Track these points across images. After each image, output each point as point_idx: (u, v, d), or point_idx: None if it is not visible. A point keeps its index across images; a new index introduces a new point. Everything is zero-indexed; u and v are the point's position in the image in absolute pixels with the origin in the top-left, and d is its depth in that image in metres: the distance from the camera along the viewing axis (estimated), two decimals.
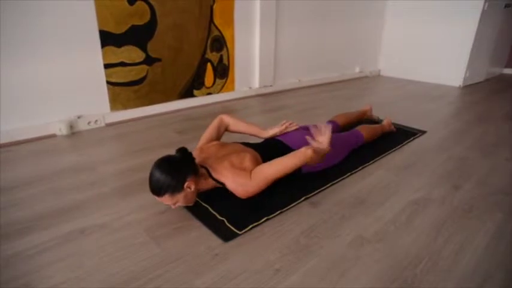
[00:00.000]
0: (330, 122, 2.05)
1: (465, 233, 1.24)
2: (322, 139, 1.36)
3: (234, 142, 1.56)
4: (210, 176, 1.33)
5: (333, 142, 1.71)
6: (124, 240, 1.17)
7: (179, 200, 1.25)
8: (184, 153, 1.28)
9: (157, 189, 1.21)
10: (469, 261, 1.10)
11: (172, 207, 1.29)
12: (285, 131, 1.65)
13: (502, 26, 4.12)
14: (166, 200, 1.24)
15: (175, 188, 1.21)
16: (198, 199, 1.39)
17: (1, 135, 1.96)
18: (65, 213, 1.31)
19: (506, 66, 4.96)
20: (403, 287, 0.99)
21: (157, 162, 1.25)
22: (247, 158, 1.37)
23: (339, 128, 2.06)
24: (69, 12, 2.03)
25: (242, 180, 1.30)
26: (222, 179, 1.32)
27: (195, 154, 1.39)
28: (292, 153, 1.32)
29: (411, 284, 1.00)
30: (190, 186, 1.25)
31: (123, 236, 1.19)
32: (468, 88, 3.92)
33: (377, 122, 2.36)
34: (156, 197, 1.24)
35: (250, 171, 1.32)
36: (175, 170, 1.22)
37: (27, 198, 1.42)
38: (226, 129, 1.64)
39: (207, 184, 1.35)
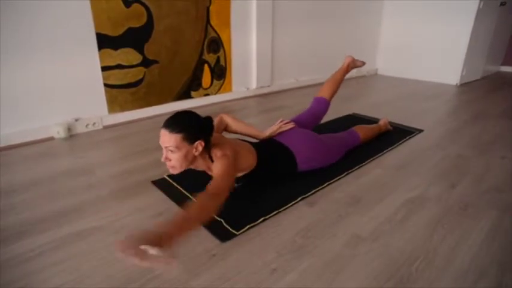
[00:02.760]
0: (318, 98, 2.00)
1: (460, 231, 1.25)
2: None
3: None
4: (209, 151, 1.31)
5: (328, 144, 1.74)
6: None
7: (180, 150, 1.21)
8: (210, 122, 1.30)
9: (176, 124, 1.20)
10: (464, 258, 1.11)
11: (163, 158, 1.23)
12: (280, 131, 1.65)
13: (498, 24, 4.14)
14: (173, 140, 1.19)
15: (190, 135, 1.21)
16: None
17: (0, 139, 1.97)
18: (63, 216, 1.32)
19: (503, 64, 4.98)
20: (398, 285, 1.00)
21: (190, 110, 1.29)
22: (245, 147, 1.41)
23: (327, 104, 2.00)
24: (66, 15, 2.04)
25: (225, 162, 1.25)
26: (216, 153, 1.29)
27: None
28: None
29: (406, 282, 1.01)
30: (198, 147, 1.24)
31: (120, 239, 1.19)
32: (465, 86, 3.93)
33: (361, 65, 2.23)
34: (167, 133, 1.20)
35: (232, 158, 1.28)
36: (200, 124, 1.25)
37: (25, 202, 1.43)
38: (225, 129, 1.65)
39: (203, 160, 1.32)
